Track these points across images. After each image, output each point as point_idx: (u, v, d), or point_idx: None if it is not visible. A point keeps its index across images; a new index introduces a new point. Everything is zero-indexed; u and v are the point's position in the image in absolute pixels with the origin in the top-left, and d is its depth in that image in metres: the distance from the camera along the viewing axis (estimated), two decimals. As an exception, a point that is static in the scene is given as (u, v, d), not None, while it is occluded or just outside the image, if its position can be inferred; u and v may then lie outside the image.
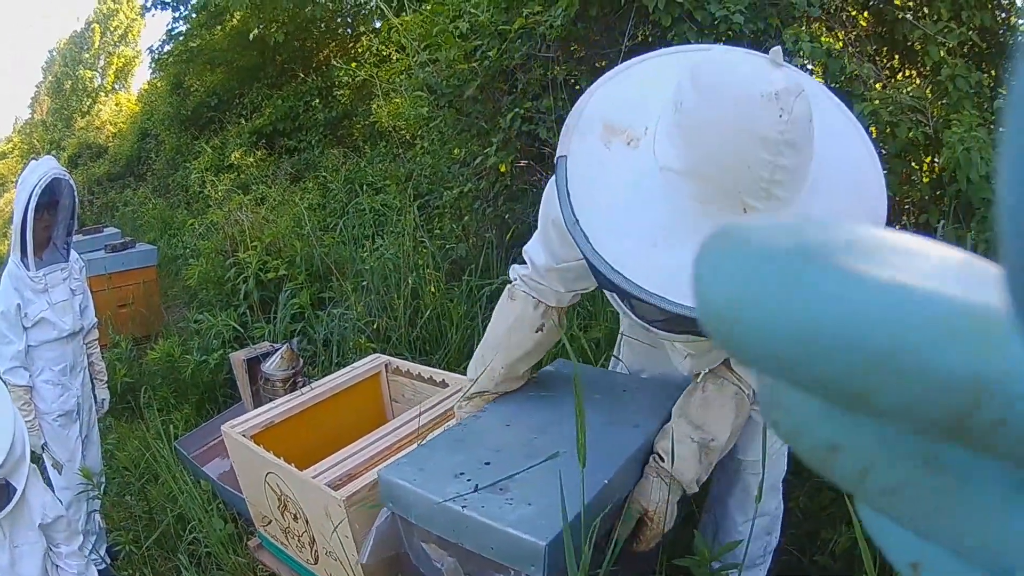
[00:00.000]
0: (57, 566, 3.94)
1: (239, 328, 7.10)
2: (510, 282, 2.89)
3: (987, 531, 0.38)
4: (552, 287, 2.76)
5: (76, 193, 5.07)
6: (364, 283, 6.35)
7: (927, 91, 4.76)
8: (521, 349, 2.87)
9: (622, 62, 2.28)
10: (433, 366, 4.12)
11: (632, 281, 1.91)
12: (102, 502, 5.29)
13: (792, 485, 3.36)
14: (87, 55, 38.63)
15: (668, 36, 5.44)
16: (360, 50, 14.03)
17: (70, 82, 37.73)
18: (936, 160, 4.87)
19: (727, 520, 3.14)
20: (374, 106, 10.71)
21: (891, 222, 5.12)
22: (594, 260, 1.96)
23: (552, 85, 5.70)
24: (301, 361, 4.24)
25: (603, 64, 5.68)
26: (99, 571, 4.74)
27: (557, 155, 2.12)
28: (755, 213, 1.90)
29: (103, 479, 5.46)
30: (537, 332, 2.83)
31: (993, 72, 4.97)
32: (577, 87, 5.81)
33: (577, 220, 2.00)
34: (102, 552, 5.16)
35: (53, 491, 4.67)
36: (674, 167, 1.96)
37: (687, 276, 0.39)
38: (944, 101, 4.63)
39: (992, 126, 4.39)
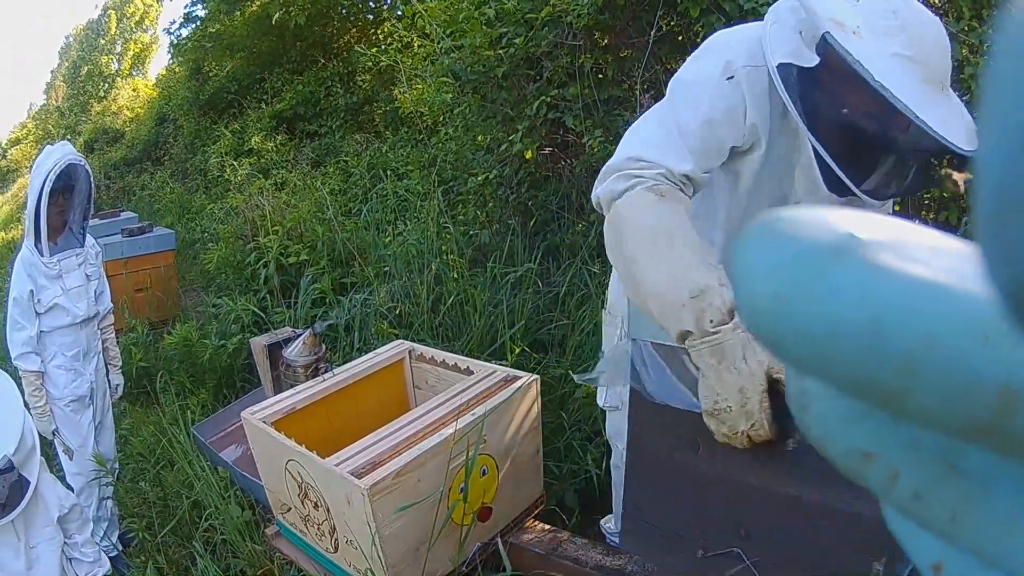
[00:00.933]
0: (71, 559, 3.90)
1: (259, 313, 7.07)
2: (626, 188, 2.48)
3: (1007, 538, 0.38)
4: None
5: (92, 178, 5.04)
6: (387, 269, 6.32)
7: None
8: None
9: (648, 53, 2.38)
10: (456, 353, 4.06)
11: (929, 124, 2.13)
12: (115, 488, 5.26)
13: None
14: (103, 41, 38.77)
15: (695, 27, 5.41)
16: (382, 36, 13.99)
17: (87, 68, 37.87)
18: None
19: None
20: (396, 92, 10.69)
21: (911, 219, 5.06)
22: (899, 105, 2.14)
23: (579, 73, 5.65)
24: (323, 347, 4.19)
25: (628, 53, 5.66)
26: (111, 559, 4.71)
27: (823, 30, 2.26)
28: (948, 95, 2.26)
29: (117, 465, 5.44)
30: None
31: None
32: (602, 76, 5.77)
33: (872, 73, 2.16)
34: (114, 539, 5.15)
35: (65, 478, 4.64)
36: (906, 54, 2.21)
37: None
38: (967, 99, 4.59)
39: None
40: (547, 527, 3.65)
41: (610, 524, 3.86)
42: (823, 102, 2.33)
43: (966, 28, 4.87)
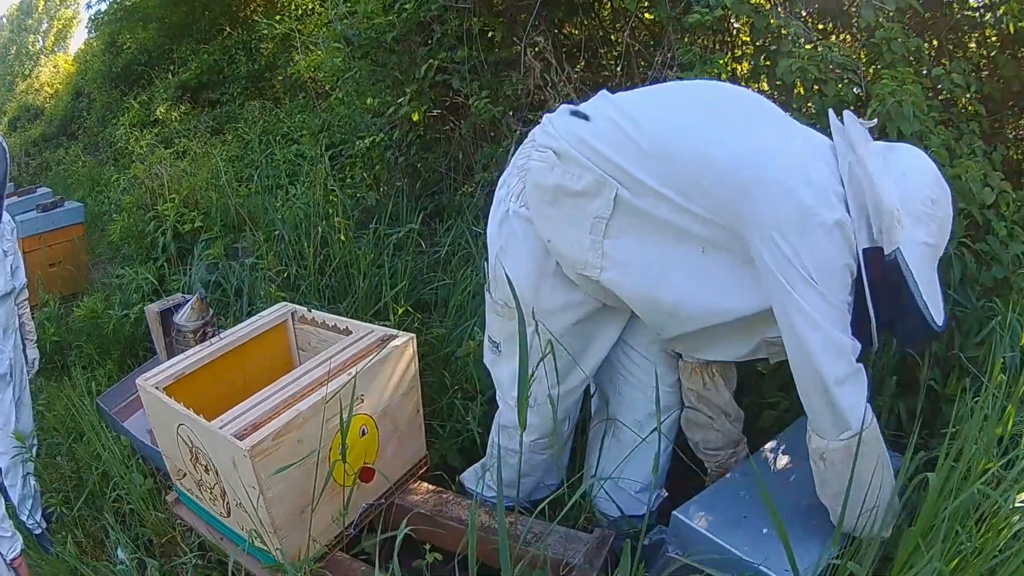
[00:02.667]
0: None
1: (156, 281, 7.07)
2: None
3: None
4: None
5: (8, 156, 5.01)
6: (276, 233, 6.31)
7: (860, 53, 4.75)
8: None
9: (536, 15, 2.45)
10: (341, 314, 4.11)
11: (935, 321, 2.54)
12: (35, 465, 5.27)
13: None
14: (31, 20, 38.12)
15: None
16: (285, 3, 13.92)
17: (15, 47, 37.24)
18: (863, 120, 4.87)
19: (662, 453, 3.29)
20: (294, 59, 10.68)
21: None
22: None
23: (467, 36, 5.68)
24: (211, 311, 4.23)
25: (523, 17, 5.66)
26: (36, 536, 4.74)
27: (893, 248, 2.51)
28: None
29: (35, 441, 5.44)
30: None
31: (935, 42, 4.93)
32: (491, 36, 5.86)
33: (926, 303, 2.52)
34: (38, 517, 5.14)
35: None
36: (929, 242, 2.54)
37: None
38: (877, 64, 4.61)
39: (931, 92, 4.38)
40: (432, 488, 3.71)
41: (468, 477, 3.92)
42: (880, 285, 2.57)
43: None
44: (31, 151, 21.31)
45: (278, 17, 11.62)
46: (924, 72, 4.54)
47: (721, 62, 4.96)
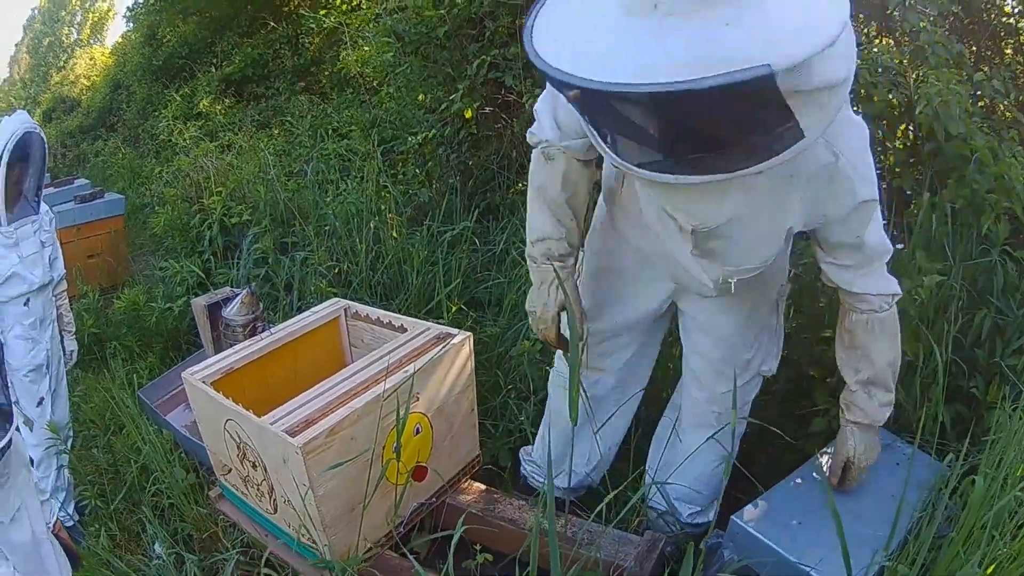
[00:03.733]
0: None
1: (207, 273, 7.05)
2: (533, 146, 3.12)
3: None
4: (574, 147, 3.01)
5: (47, 146, 4.99)
6: (327, 228, 6.28)
7: (905, 58, 4.74)
8: (580, 187, 3.12)
9: None
10: (393, 311, 4.06)
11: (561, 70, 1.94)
12: (69, 457, 5.23)
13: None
14: (64, 12, 38.40)
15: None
16: (329, -2, 13.93)
17: (48, 39, 37.51)
18: (910, 127, 4.87)
19: (704, 466, 3.40)
20: (342, 53, 10.65)
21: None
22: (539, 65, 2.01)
23: (520, 33, 5.61)
24: (261, 306, 4.20)
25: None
26: (67, 528, 4.68)
27: None
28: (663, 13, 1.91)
29: (70, 433, 5.41)
30: (586, 169, 3.10)
31: (974, 48, 4.94)
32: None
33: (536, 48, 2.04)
34: (70, 509, 5.11)
35: None
36: None
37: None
38: (922, 68, 4.59)
39: (971, 97, 4.34)
40: (483, 487, 3.68)
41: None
42: None
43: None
44: (67, 142, 21.41)
45: (323, 11, 11.62)
46: (965, 77, 4.52)
47: None
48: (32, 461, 4.59)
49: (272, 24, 15.37)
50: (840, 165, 2.46)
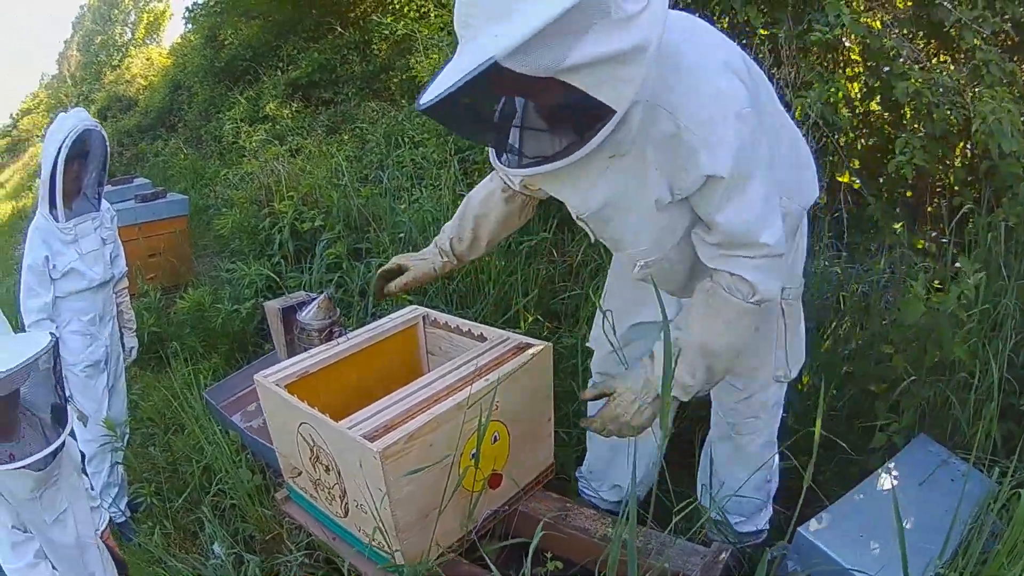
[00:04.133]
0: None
1: (273, 277, 7.06)
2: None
3: None
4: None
5: (108, 143, 5.02)
6: (401, 235, 6.26)
7: (962, 77, 4.76)
8: (492, 213, 3.51)
9: None
10: (468, 320, 4.03)
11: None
12: (124, 454, 5.24)
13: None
14: (116, 11, 38.82)
15: (711, 4, 5.42)
16: (398, 5, 13.91)
17: (100, 38, 37.93)
18: (968, 146, 4.89)
19: (732, 477, 3.48)
20: (412, 61, 10.65)
21: (925, 204, 5.14)
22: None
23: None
24: (338, 311, 4.17)
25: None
26: (118, 524, 4.69)
27: None
28: (464, 44, 2.33)
29: (127, 430, 5.43)
30: (507, 204, 3.48)
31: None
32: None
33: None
34: (122, 505, 5.15)
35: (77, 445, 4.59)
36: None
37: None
38: (978, 87, 4.61)
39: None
40: (555, 495, 3.67)
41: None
42: None
43: (979, 19, 4.90)
44: (124, 141, 21.69)
45: (391, 18, 11.64)
46: (1018, 95, 4.67)
47: (842, 81, 5.07)
48: (84, 456, 4.58)
49: (339, 29, 15.46)
50: (683, 137, 2.50)
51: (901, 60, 4.99)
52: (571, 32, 2.19)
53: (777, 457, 3.56)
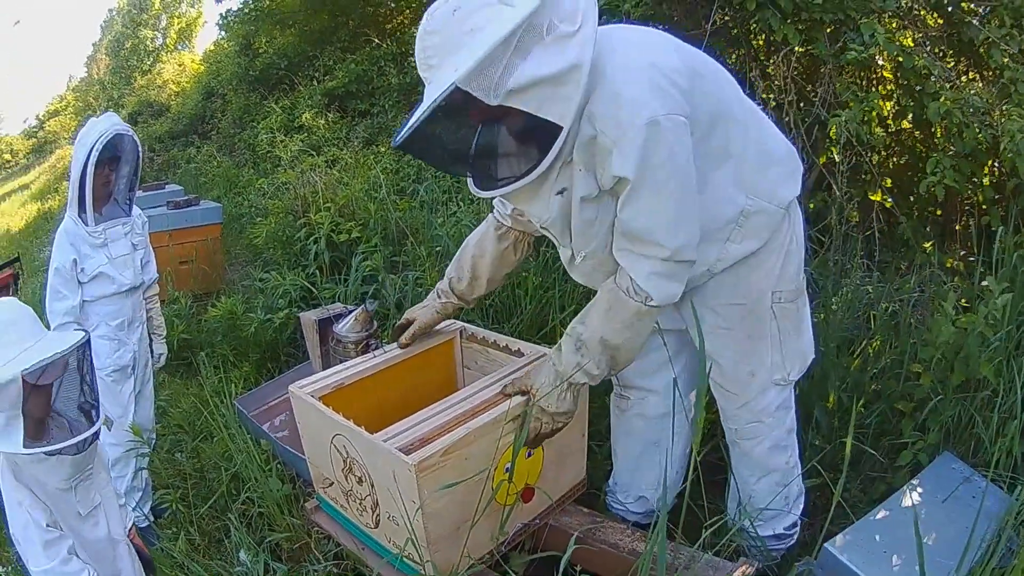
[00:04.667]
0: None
1: (310, 287, 7.09)
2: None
3: None
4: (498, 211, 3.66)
5: (140, 149, 5.03)
6: (439, 249, 6.27)
7: (991, 97, 4.77)
8: (488, 253, 3.70)
9: (704, 46, 2.63)
10: (505, 335, 4.05)
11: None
12: (151, 459, 5.26)
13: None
14: (146, 15, 38.94)
15: (751, 22, 5.43)
16: (437, 18, 13.98)
17: (131, 42, 38.05)
18: (996, 164, 4.89)
19: (743, 482, 3.60)
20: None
21: (953, 222, 5.14)
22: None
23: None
24: (375, 324, 4.20)
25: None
26: (140, 529, 4.71)
27: None
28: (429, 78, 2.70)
29: (154, 435, 5.45)
30: (500, 242, 3.68)
31: None
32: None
33: None
34: (146, 510, 5.14)
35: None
36: None
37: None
38: (1006, 105, 4.65)
39: None
40: (585, 509, 3.69)
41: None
42: None
43: (1007, 36, 4.90)
44: (155, 147, 21.67)
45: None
46: None
47: (877, 101, 5.11)
48: (109, 460, 4.61)
49: (376, 40, 15.53)
50: (599, 140, 2.73)
51: (933, 79, 5.01)
52: (515, 54, 2.54)
53: (796, 462, 3.61)
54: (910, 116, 5.48)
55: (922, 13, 5.62)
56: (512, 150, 2.83)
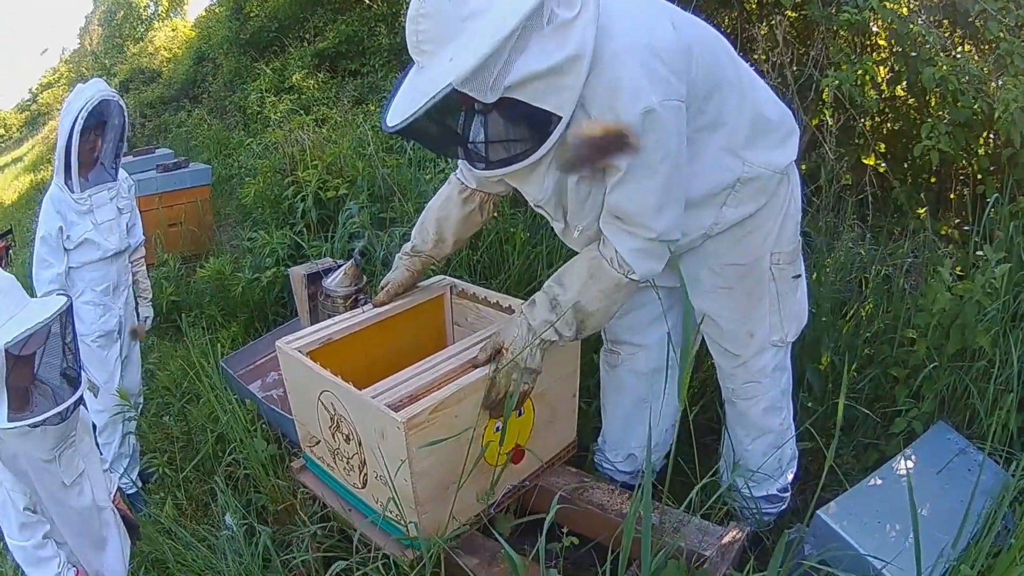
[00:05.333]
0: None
1: (298, 245, 7.09)
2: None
3: None
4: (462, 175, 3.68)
5: (126, 113, 4.98)
6: (425, 204, 6.23)
7: (987, 67, 4.77)
8: (453, 215, 3.72)
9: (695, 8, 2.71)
10: (493, 291, 4.01)
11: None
12: (138, 424, 5.23)
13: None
14: (138, -16, 38.74)
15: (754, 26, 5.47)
16: (428, -24, 13.96)
17: (122, 11, 37.85)
18: (991, 135, 4.90)
19: (737, 442, 3.67)
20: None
21: (948, 191, 5.14)
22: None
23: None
24: (364, 279, 4.15)
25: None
26: (129, 495, 4.68)
27: None
28: (420, 67, 2.69)
29: (141, 400, 5.43)
30: (465, 204, 3.70)
31: None
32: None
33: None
34: (133, 476, 5.13)
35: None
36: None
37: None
38: (1002, 77, 4.69)
39: None
40: (573, 470, 3.69)
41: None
42: None
43: (1003, 9, 4.89)
44: (147, 113, 21.61)
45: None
46: None
47: (870, 64, 5.12)
48: (95, 427, 4.57)
49: (367, 1, 15.49)
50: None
51: (928, 46, 4.99)
52: (515, 50, 2.49)
53: (789, 423, 3.64)
54: (904, 83, 5.48)
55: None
56: (509, 136, 2.81)
